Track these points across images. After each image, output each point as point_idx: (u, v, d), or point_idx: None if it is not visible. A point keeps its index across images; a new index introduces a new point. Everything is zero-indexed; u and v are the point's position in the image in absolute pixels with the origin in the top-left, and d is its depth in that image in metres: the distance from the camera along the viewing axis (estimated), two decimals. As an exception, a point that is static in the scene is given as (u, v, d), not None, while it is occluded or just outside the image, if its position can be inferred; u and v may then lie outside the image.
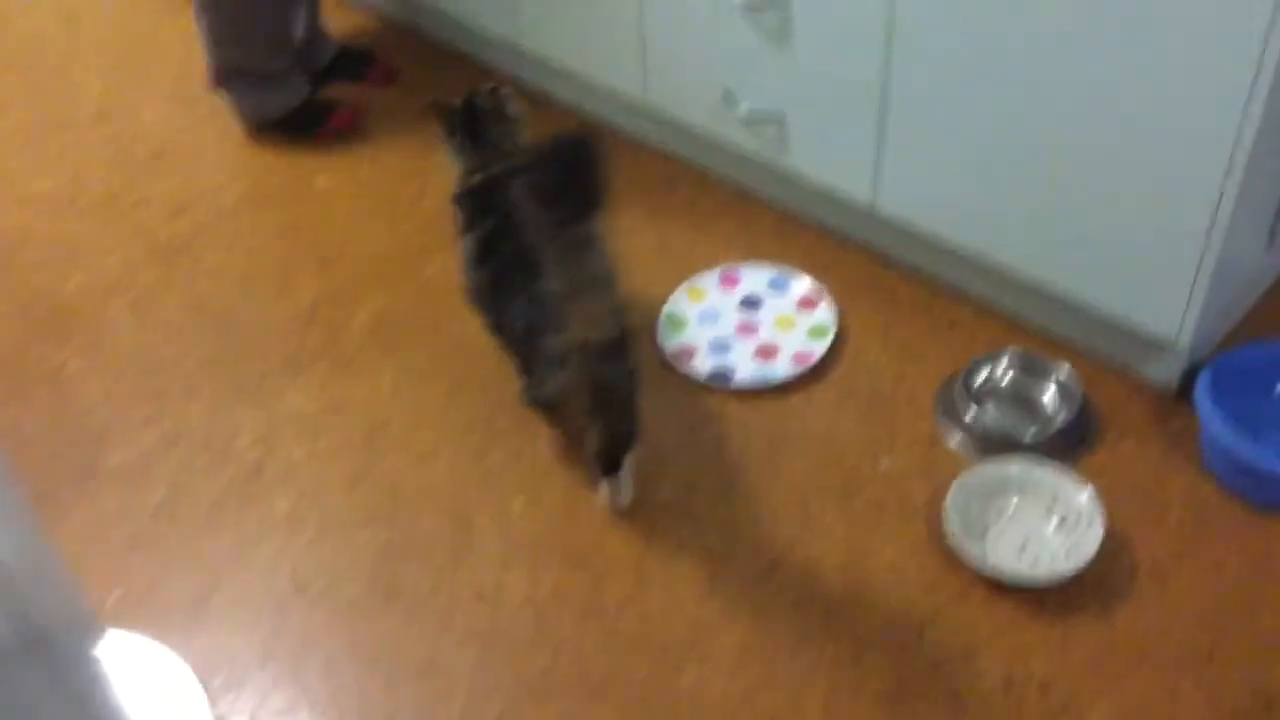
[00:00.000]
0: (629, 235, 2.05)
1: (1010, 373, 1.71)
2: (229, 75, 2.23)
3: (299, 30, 2.27)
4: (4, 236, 2.14)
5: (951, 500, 1.52)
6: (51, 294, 2.03)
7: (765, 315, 1.87)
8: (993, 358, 1.72)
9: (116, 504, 1.70)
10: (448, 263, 2.01)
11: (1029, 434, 1.63)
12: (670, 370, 1.81)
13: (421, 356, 1.87)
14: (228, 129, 2.32)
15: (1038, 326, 1.80)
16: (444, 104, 1.66)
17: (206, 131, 2.34)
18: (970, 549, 1.48)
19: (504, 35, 2.26)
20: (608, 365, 1.51)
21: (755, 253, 1.99)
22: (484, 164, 1.63)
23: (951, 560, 1.52)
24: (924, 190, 1.75)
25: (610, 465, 1.58)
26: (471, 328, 1.88)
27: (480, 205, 1.62)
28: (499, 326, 1.65)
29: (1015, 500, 1.55)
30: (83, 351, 1.93)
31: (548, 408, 1.65)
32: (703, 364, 1.80)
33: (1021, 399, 1.69)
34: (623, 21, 2.00)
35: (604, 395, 1.53)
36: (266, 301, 1.99)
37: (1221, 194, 1.43)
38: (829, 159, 1.85)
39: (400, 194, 2.16)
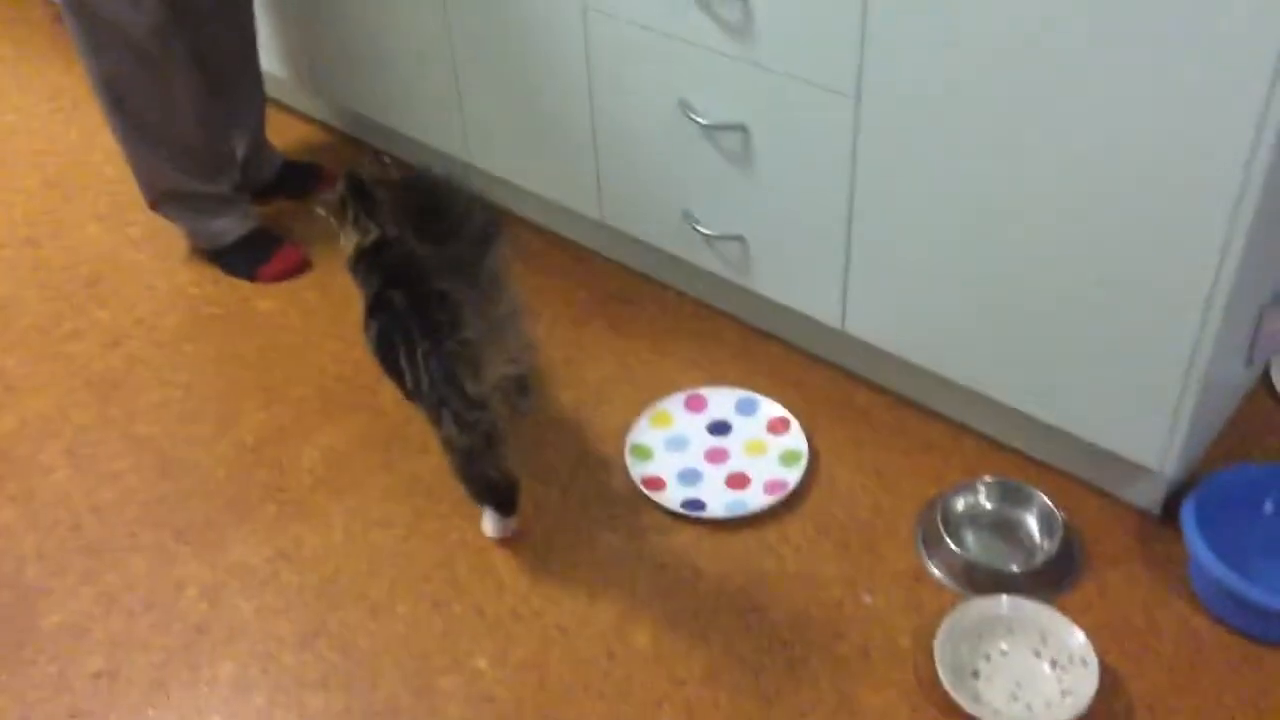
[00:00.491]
0: (588, 356, 1.99)
1: (990, 501, 1.66)
2: (162, 197, 2.15)
3: (238, 148, 2.20)
4: (-73, 374, 2.04)
5: (940, 643, 1.46)
6: (-21, 438, 1.92)
7: (734, 440, 1.81)
8: (971, 485, 1.67)
9: (53, 671, 1.58)
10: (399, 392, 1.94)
11: (1013, 565, 1.57)
12: (639, 499, 1.74)
13: (374, 497, 1.78)
14: (166, 249, 2.23)
15: (1016, 448, 1.76)
16: (327, 198, 1.65)
17: (143, 254, 2.25)
18: (963, 695, 1.42)
19: (454, 153, 2.21)
20: (522, 400, 1.61)
21: (720, 372, 1.94)
22: (374, 228, 1.61)
23: (945, 705, 1.45)
24: (894, 312, 1.71)
25: (510, 508, 1.68)
26: (427, 463, 1.81)
27: (370, 266, 1.61)
28: (403, 384, 1.59)
29: (1005, 641, 1.49)
30: (15, 500, 1.81)
31: (467, 455, 1.60)
32: (673, 494, 1.72)
33: (1004, 528, 1.64)
34: (575, 142, 1.95)
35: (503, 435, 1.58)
36: (209, 440, 1.89)
37: (1205, 319, 1.39)
38: (794, 280, 1.80)
39: (347, 318, 2.08)
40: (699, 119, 1.74)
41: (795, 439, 1.79)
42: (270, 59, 2.35)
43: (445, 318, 1.47)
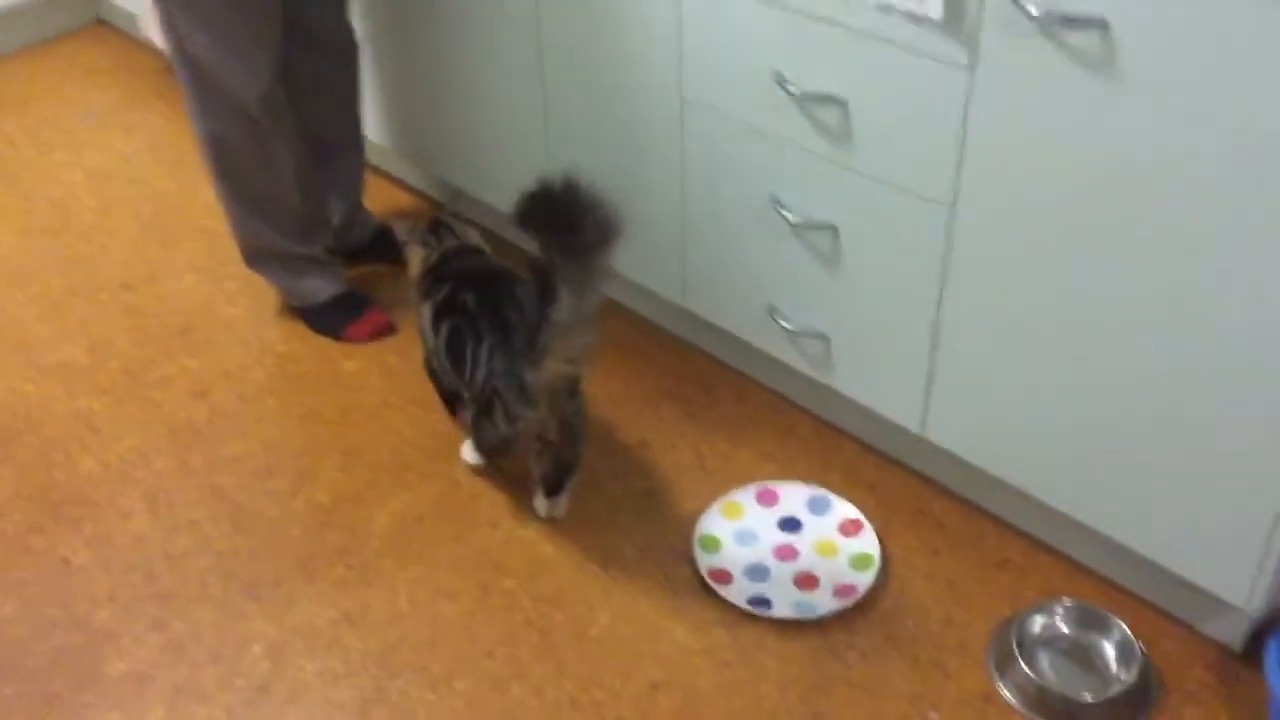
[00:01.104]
0: (663, 440, 1.99)
1: (1066, 625, 1.62)
2: (257, 255, 2.20)
3: (334, 211, 2.25)
4: (22, 409, 2.09)
5: (1007, 770, 1.42)
6: (65, 476, 1.96)
7: (805, 539, 1.79)
8: (1049, 607, 1.63)
9: (114, 718, 1.60)
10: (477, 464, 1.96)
11: (1088, 694, 1.53)
12: (705, 591, 1.73)
13: (442, 567, 1.79)
14: (258, 304, 2.29)
15: (1094, 571, 1.72)
16: (407, 223, 1.97)
17: (236, 307, 2.30)
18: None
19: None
20: (570, 401, 1.74)
21: (794, 465, 1.93)
22: (439, 246, 1.89)
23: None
24: (976, 422, 1.69)
25: (557, 488, 1.83)
26: (496, 537, 1.81)
27: (436, 278, 1.85)
28: (459, 381, 1.78)
29: (1076, 773, 1.45)
30: (92, 543, 1.85)
31: (503, 448, 1.82)
32: (740, 589, 1.71)
33: (1079, 654, 1.60)
34: (663, 226, 1.97)
35: (564, 428, 1.76)
36: (285, 496, 1.91)
37: (1299, 458, 1.36)
38: (876, 381, 1.79)
39: (429, 385, 2.11)
40: (789, 216, 1.75)
41: (867, 542, 1.76)
42: (371, 126, 2.40)
43: (514, 314, 1.69)
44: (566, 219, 1.54)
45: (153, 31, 2.83)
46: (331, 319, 2.22)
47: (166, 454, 2.00)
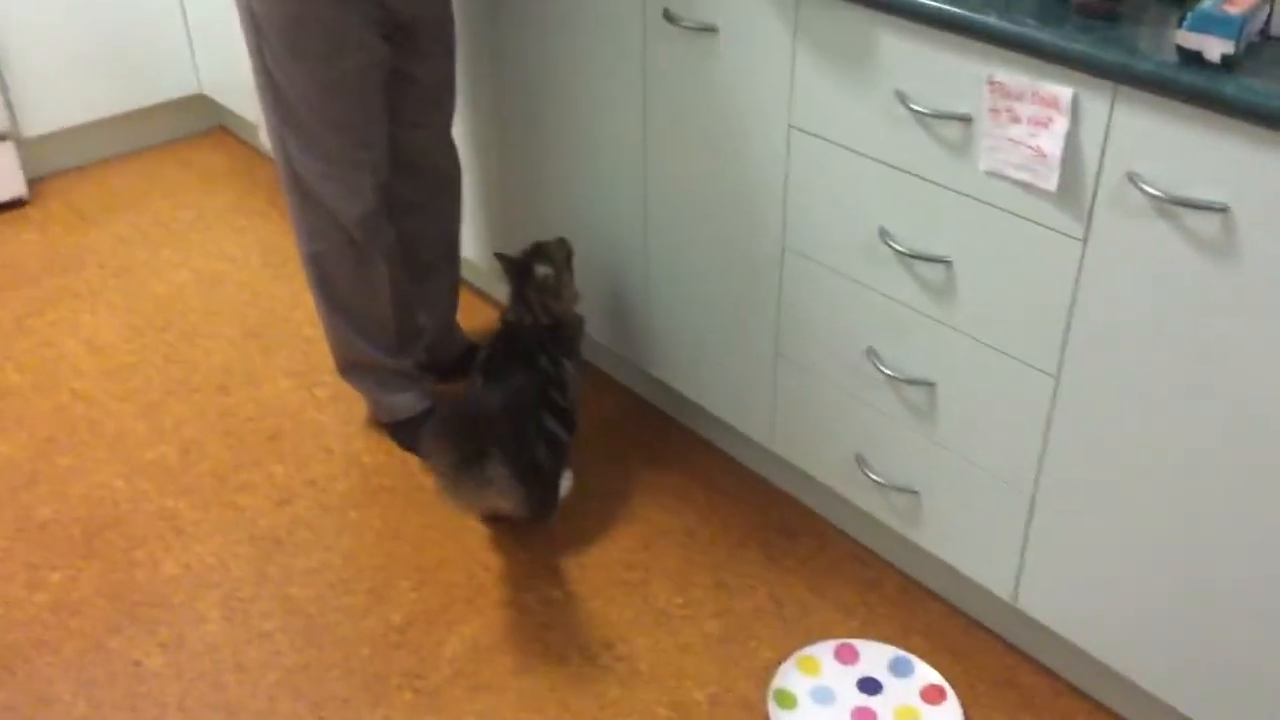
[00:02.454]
0: (741, 583, 1.95)
1: (1161, 819, 1.54)
2: (350, 366, 2.24)
3: (427, 328, 2.29)
4: (111, 505, 2.13)
5: None
6: (146, 576, 1.98)
7: (885, 703, 1.72)
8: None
9: (170, 834, 1.59)
10: (550, 594, 1.93)
11: None
12: (776, 751, 1.67)
13: (509, 700, 1.76)
14: (348, 414, 2.32)
15: (1189, 758, 1.64)
16: (506, 255, 2.12)
17: (325, 415, 2.33)
18: None
19: (633, 358, 2.25)
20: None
21: (876, 624, 1.87)
22: (513, 310, 2.11)
23: None
24: (1072, 596, 1.63)
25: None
26: (567, 672, 1.78)
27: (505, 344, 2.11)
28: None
29: None
30: (166, 646, 1.85)
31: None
32: (813, 751, 1.66)
33: None
34: (756, 369, 1.96)
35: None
36: (358, 614, 1.91)
37: None
38: (967, 544, 1.75)
39: (509, 508, 2.10)
40: (886, 369, 1.73)
41: (951, 712, 1.69)
42: (469, 245, 2.45)
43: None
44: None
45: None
46: (417, 436, 2.24)
47: (246, 561, 2.01)
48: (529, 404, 1.97)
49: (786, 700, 1.73)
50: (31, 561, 2.01)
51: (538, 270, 2.05)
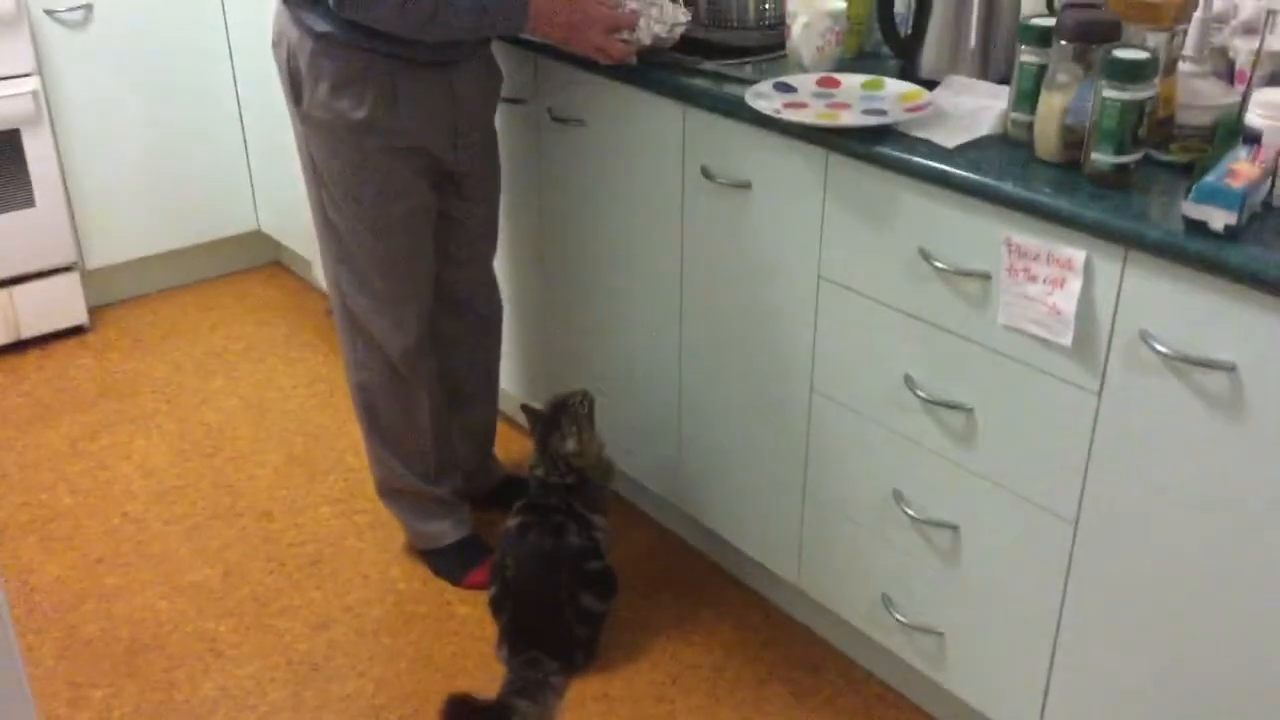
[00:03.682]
0: (768, 725, 1.98)
1: None
2: (390, 491, 2.31)
3: (466, 457, 2.36)
4: (153, 625, 2.18)
5: None
6: (184, 697, 2.02)
7: (909, 846, 1.73)
8: None
9: None
10: (576, 716, 1.97)
11: None
12: None
13: (538, 832, 1.78)
14: (386, 541, 2.38)
15: None
16: (531, 409, 2.16)
17: (364, 542, 2.40)
18: None
19: (664, 493, 2.32)
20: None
21: (900, 766, 1.88)
22: (538, 466, 2.14)
23: None
24: (1094, 741, 1.65)
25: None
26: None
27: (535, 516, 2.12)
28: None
29: None
30: (200, 770, 1.89)
31: None
32: None
33: None
34: (784, 508, 2.02)
35: None
36: (390, 741, 1.94)
37: None
38: (991, 686, 1.77)
39: (540, 639, 2.14)
40: (910, 511, 1.79)
41: None
42: (508, 377, 2.55)
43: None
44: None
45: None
46: (452, 564, 2.30)
47: (283, 686, 2.05)
48: (559, 604, 2.04)
49: (811, 841, 1.73)
50: (75, 680, 2.06)
51: (566, 444, 2.08)
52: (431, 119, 1.97)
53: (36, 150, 2.97)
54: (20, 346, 3.10)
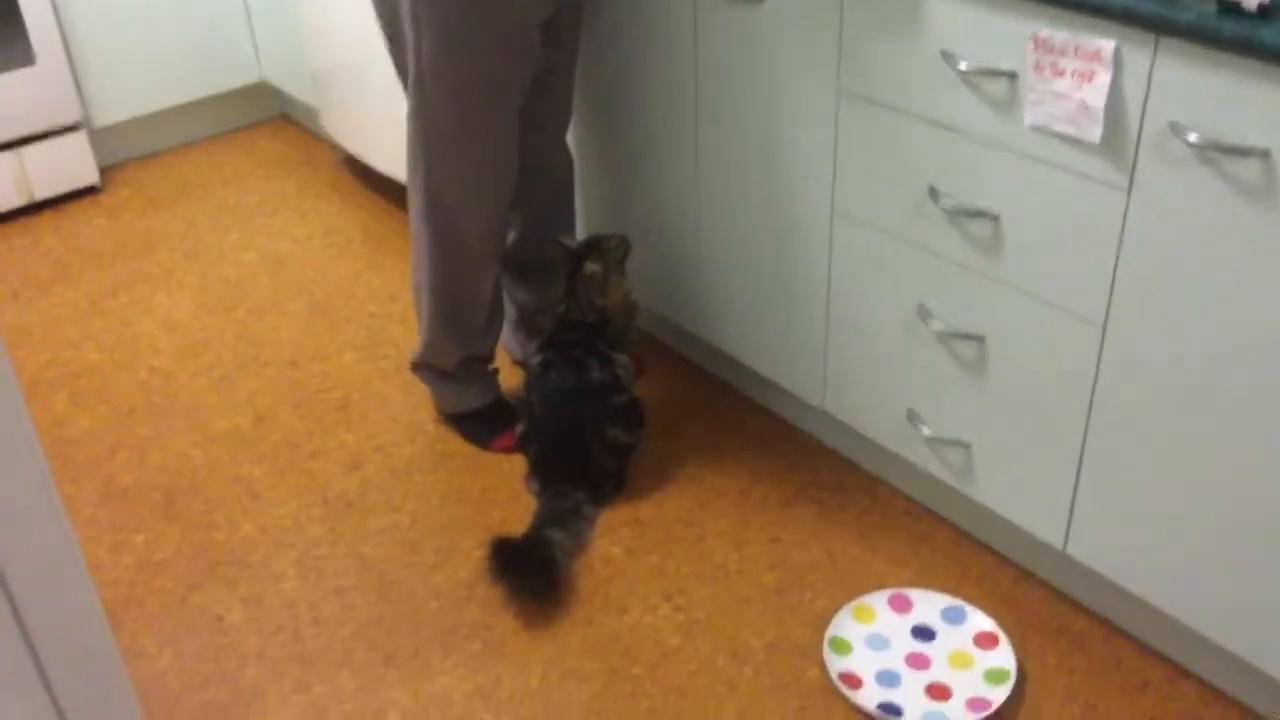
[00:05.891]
0: (795, 538, 2.01)
1: (1211, 755, 1.58)
2: (423, 366, 2.26)
3: (523, 303, 2.36)
4: (189, 472, 2.22)
5: None
6: (225, 537, 2.07)
7: (938, 648, 1.78)
8: (1191, 734, 1.59)
9: (254, 775, 1.68)
10: (609, 550, 2.00)
11: (1232, 830, 1.48)
12: (834, 694, 1.72)
13: (573, 648, 1.83)
14: (412, 385, 2.39)
15: (1239, 700, 1.67)
16: (561, 243, 2.15)
17: (390, 386, 2.42)
18: None
19: (680, 320, 2.31)
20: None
21: (929, 575, 1.92)
22: (562, 306, 2.13)
23: None
24: (1121, 541, 1.67)
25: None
26: (626, 622, 1.85)
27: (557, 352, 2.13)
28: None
29: None
30: (246, 602, 1.94)
31: None
32: (869, 695, 1.70)
33: (1224, 787, 1.55)
34: (807, 330, 2.02)
35: None
36: (427, 570, 1.99)
37: None
38: (1017, 494, 1.79)
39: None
40: (936, 324, 1.78)
41: (1003, 657, 1.74)
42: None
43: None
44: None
45: (333, 128, 3.05)
46: (479, 428, 2.28)
47: (320, 522, 2.10)
48: (586, 438, 2.05)
49: (842, 647, 1.78)
50: (116, 524, 2.11)
51: (586, 267, 2.07)
52: None
53: (33, 5, 2.90)
54: (35, 209, 3.08)
